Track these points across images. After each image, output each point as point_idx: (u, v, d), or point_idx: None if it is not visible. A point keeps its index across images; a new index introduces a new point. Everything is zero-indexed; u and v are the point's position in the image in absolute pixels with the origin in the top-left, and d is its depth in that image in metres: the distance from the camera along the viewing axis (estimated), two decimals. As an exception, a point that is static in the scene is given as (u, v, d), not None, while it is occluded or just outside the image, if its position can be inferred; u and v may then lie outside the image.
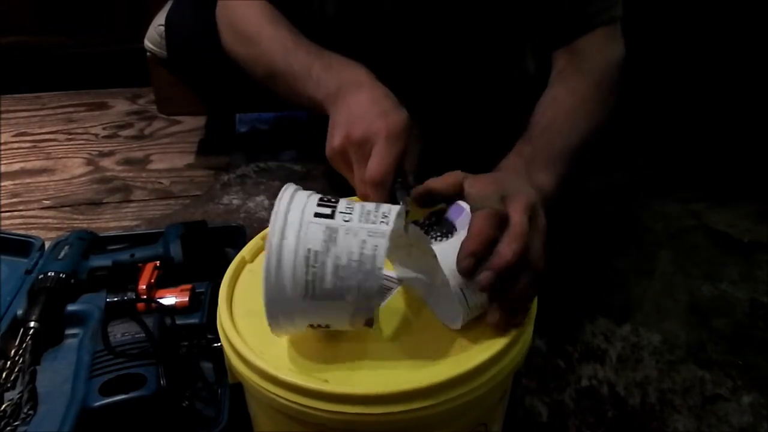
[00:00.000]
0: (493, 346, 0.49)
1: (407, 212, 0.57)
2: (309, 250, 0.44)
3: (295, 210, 0.46)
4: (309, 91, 0.73)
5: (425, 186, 0.55)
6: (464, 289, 0.49)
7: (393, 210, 0.47)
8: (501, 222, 0.50)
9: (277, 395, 0.47)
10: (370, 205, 0.48)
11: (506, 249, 0.49)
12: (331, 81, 0.71)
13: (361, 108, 0.64)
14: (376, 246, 0.44)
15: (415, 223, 0.54)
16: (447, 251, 0.50)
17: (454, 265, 0.49)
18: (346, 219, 0.46)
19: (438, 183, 0.55)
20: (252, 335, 0.51)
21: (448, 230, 0.52)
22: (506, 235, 0.50)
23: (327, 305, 0.46)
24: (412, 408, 0.45)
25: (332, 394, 0.45)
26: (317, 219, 0.45)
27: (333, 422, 0.45)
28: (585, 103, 0.76)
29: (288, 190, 0.48)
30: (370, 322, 0.47)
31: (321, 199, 0.48)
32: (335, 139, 0.64)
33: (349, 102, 0.66)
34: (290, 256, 0.44)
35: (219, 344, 0.53)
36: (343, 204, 0.48)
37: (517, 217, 0.51)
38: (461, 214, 0.53)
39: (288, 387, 0.46)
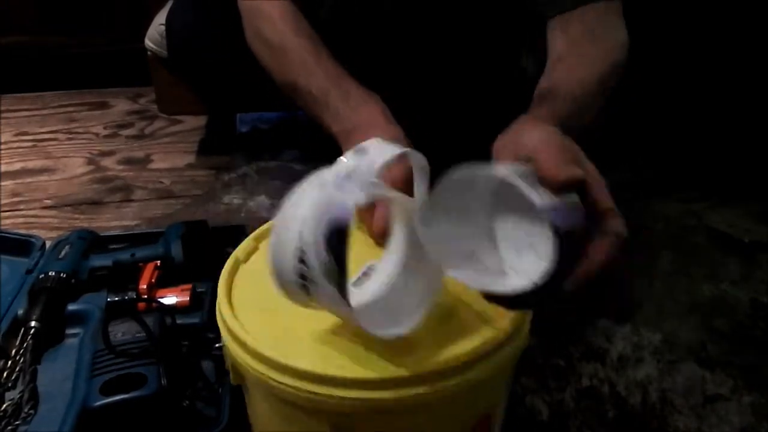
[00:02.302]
0: (499, 328, 0.49)
1: None
2: None
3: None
4: (325, 119, 0.74)
5: None
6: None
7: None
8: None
9: (288, 385, 0.46)
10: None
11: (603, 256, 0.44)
12: (346, 118, 0.71)
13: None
14: None
15: None
16: None
17: None
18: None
19: None
20: (256, 329, 0.50)
21: None
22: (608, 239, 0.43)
23: None
24: (429, 390, 0.45)
25: (352, 379, 0.45)
26: None
27: (354, 409, 0.45)
28: (601, 84, 0.70)
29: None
30: None
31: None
32: None
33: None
34: None
35: (220, 345, 0.53)
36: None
37: (615, 221, 0.44)
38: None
39: (302, 375, 0.45)
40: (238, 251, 0.59)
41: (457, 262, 0.47)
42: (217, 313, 0.53)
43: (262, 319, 0.51)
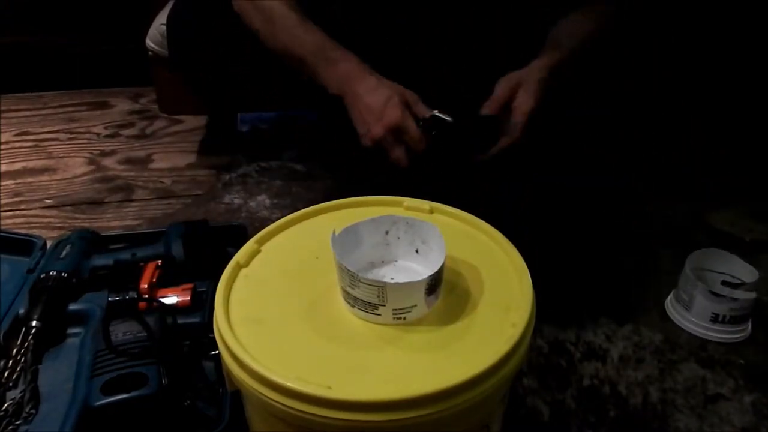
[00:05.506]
0: (497, 351, 0.48)
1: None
2: None
3: None
4: (320, 82, 0.88)
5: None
6: None
7: None
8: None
9: (278, 402, 0.46)
10: None
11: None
12: (334, 81, 0.86)
13: (368, 106, 0.83)
14: None
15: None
16: None
17: None
18: None
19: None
20: (250, 341, 0.50)
21: None
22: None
23: None
24: (417, 414, 0.44)
25: (336, 401, 0.44)
26: None
27: (336, 429, 0.45)
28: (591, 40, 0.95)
29: None
30: None
31: None
32: (370, 135, 0.83)
33: (358, 101, 0.84)
34: None
35: (217, 351, 0.53)
36: None
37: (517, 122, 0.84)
38: None
39: (290, 394, 0.45)
40: (240, 255, 0.59)
41: None
42: (214, 323, 0.53)
43: (257, 331, 0.51)
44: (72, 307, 0.79)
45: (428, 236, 0.57)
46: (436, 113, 0.82)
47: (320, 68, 0.87)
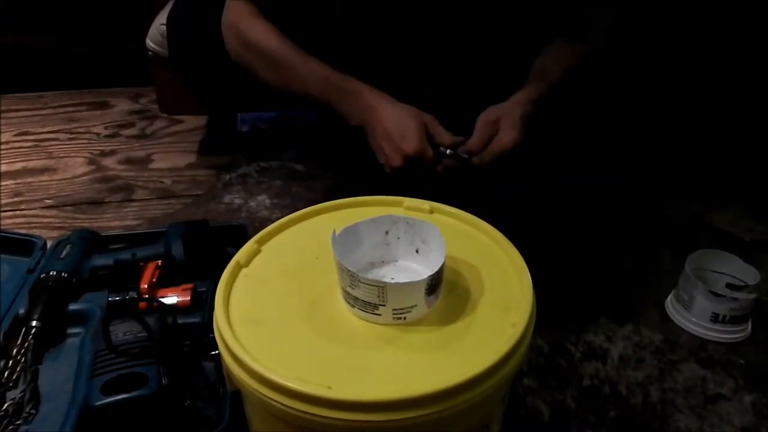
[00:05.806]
0: (497, 351, 0.48)
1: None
2: None
3: None
4: (341, 114, 0.88)
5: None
6: None
7: None
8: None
9: (278, 402, 0.46)
10: None
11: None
12: (354, 113, 0.86)
13: (387, 136, 0.82)
14: None
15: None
16: None
17: None
18: None
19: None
20: (250, 341, 0.50)
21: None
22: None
23: None
24: (417, 414, 0.44)
25: (336, 401, 0.44)
26: None
27: (336, 429, 0.45)
28: (579, 69, 0.96)
29: None
30: None
31: None
32: (390, 164, 0.83)
33: (377, 131, 0.84)
34: None
35: (217, 351, 0.53)
36: None
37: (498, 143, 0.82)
38: None
39: (290, 394, 0.45)
40: (240, 255, 0.59)
41: None
42: (214, 323, 0.53)
43: (257, 331, 0.51)
44: (72, 307, 0.79)
45: (428, 236, 0.57)
46: (453, 152, 0.82)
47: (337, 102, 0.87)
